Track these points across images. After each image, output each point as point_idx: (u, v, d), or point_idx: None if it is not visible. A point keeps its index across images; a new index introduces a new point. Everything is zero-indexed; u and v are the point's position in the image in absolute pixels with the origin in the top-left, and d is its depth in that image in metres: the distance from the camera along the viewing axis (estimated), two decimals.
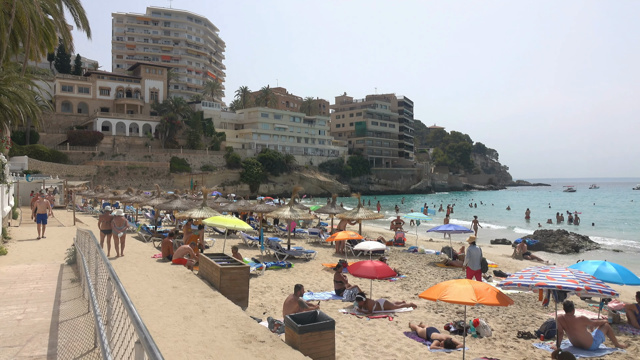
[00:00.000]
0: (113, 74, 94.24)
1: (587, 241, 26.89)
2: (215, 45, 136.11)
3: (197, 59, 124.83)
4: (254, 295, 12.41)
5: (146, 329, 2.42)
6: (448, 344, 8.67)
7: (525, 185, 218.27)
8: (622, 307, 10.94)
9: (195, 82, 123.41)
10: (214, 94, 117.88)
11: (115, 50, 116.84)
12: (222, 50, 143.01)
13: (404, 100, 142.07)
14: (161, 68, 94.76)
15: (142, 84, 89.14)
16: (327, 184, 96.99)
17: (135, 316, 2.65)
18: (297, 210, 20.10)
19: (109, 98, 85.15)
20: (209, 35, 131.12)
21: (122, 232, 14.81)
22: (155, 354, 2.04)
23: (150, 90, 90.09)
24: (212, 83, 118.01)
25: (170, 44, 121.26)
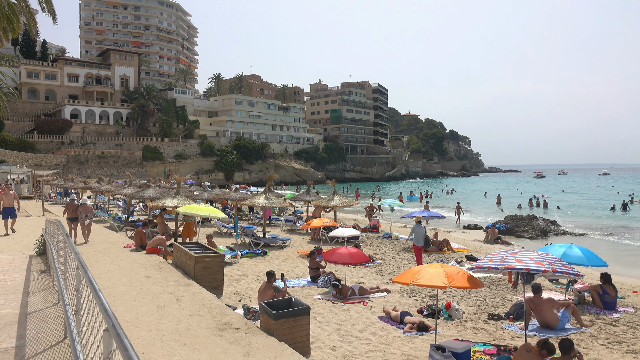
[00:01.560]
0: (81, 60, 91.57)
1: (555, 225, 27.68)
2: (187, 31, 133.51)
3: (169, 45, 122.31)
4: (229, 283, 12.39)
5: (114, 316, 2.40)
6: (421, 327, 8.85)
7: (497, 171, 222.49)
8: (587, 288, 11.33)
9: (167, 69, 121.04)
10: (187, 81, 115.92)
11: (84, 35, 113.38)
12: (195, 36, 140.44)
13: (379, 88, 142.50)
14: (132, 54, 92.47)
15: (112, 70, 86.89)
16: (303, 171, 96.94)
17: (104, 304, 2.61)
18: (272, 198, 20.06)
19: (77, 85, 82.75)
20: (181, 21, 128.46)
21: (88, 219, 15.03)
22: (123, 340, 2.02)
23: (121, 77, 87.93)
24: (185, 70, 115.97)
25: (141, 30, 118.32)
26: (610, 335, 8.70)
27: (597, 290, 10.74)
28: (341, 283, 11.59)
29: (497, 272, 7.28)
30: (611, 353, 7.83)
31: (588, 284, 11.67)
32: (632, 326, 9.26)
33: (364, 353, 7.70)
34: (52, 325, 6.42)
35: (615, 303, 10.62)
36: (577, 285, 11.80)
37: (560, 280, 13.09)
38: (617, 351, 7.92)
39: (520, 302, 9.69)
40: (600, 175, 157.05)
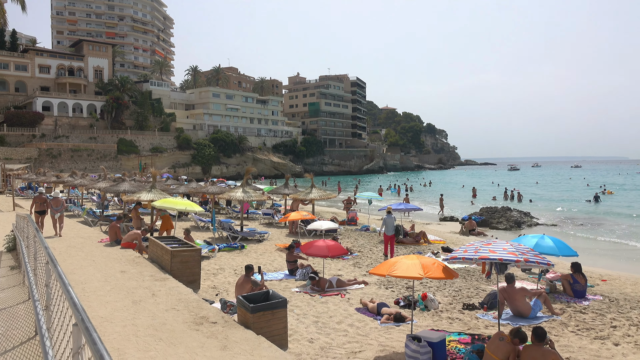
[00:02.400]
0: (53, 50, 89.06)
1: (528, 217, 28.28)
2: (163, 22, 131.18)
3: (144, 36, 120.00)
4: (207, 277, 12.31)
5: (83, 310, 2.35)
6: (397, 318, 8.95)
7: (473, 164, 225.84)
8: (559, 277, 11.63)
9: (142, 61, 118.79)
10: (163, 73, 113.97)
11: (55, 25, 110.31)
12: (171, 28, 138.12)
13: (357, 81, 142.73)
14: (106, 45, 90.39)
15: (86, 61, 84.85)
16: (281, 165, 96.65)
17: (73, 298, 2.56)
18: (249, 192, 19.96)
19: (49, 76, 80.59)
20: (156, 12, 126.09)
21: (59, 212, 15.11)
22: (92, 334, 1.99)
23: (95, 69, 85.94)
24: (161, 62, 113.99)
25: (115, 20, 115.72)
26: (580, 323, 8.95)
27: (567, 279, 11.02)
28: (319, 275, 11.63)
29: (472, 263, 7.40)
30: (580, 339, 8.06)
31: (559, 274, 11.98)
32: (600, 313, 9.54)
33: (342, 344, 7.76)
34: (22, 322, 6.28)
35: (585, 291, 10.93)
36: (548, 275, 12.09)
37: (532, 270, 13.40)
38: (586, 337, 8.16)
39: (494, 291, 9.88)
40: (573, 168, 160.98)
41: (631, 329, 8.60)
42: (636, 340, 7.98)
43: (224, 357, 5.72)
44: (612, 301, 10.53)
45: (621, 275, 13.85)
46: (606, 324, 8.89)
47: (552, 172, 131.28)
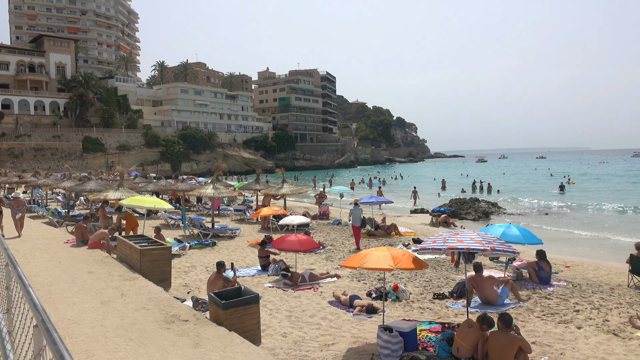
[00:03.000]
0: (12, 46, 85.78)
1: (496, 207, 28.97)
2: (127, 16, 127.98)
3: (108, 31, 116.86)
4: (178, 275, 12.16)
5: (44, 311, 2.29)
6: (370, 309, 9.05)
7: (442, 157, 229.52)
8: (525, 265, 11.96)
9: (107, 56, 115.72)
10: (129, 68, 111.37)
11: (14, 20, 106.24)
12: (136, 22, 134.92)
13: (327, 76, 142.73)
14: (68, 40, 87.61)
15: (47, 57, 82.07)
16: (252, 160, 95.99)
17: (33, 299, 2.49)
18: (220, 188, 19.77)
19: (8, 73, 77.65)
20: (120, 6, 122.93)
21: (20, 213, 14.87)
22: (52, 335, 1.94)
23: (57, 65, 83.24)
24: (126, 57, 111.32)
25: (77, 14, 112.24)
26: (545, 308, 9.25)
27: (533, 267, 11.36)
28: (291, 270, 11.64)
29: (441, 253, 7.54)
30: (545, 324, 8.33)
31: (525, 261, 12.32)
32: (564, 298, 9.88)
33: (315, 338, 7.80)
34: None
35: (550, 278, 11.29)
36: (515, 263, 12.43)
37: (500, 259, 13.74)
38: (550, 322, 8.43)
39: (463, 280, 10.09)
40: (538, 159, 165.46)
41: (593, 312, 8.94)
42: (597, 323, 8.30)
43: (196, 354, 5.68)
44: (575, 286, 10.91)
45: (584, 261, 14.36)
46: (570, 308, 9.21)
47: (518, 163, 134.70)
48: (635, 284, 10.93)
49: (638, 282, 10.92)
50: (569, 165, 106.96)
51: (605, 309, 9.09)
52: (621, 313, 8.85)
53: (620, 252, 15.76)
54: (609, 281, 11.55)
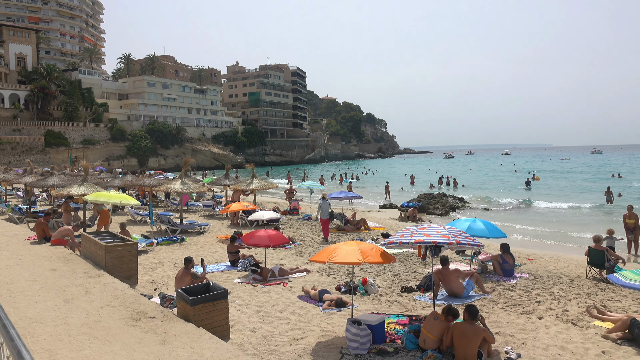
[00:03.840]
0: None
1: (462, 202, 29.60)
2: (91, 6, 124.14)
3: (72, 22, 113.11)
4: (145, 272, 11.96)
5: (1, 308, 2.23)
6: (339, 303, 9.12)
7: (411, 153, 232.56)
8: (489, 258, 12.29)
9: (70, 48, 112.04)
10: (93, 61, 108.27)
11: None
12: (100, 13, 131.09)
13: (297, 71, 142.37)
14: (28, 31, 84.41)
15: (6, 48, 78.87)
16: (222, 156, 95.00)
17: None
18: (188, 183, 19.51)
19: None
20: None
21: None
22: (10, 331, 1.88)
23: (17, 56, 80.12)
24: (90, 49, 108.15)
25: (38, 4, 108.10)
26: (508, 299, 9.53)
27: (497, 260, 11.68)
28: (260, 266, 11.62)
29: (408, 247, 7.66)
30: (508, 315, 8.59)
31: (490, 255, 12.65)
32: (526, 290, 10.20)
33: (284, 332, 7.82)
34: None
35: (513, 270, 11.63)
36: (480, 256, 12.75)
37: (466, 252, 14.06)
38: (513, 313, 8.71)
39: (430, 274, 10.29)
40: (503, 155, 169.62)
41: (553, 303, 9.27)
42: (557, 313, 8.61)
43: (163, 351, 5.61)
44: (537, 278, 11.28)
45: (545, 254, 14.84)
46: (531, 299, 9.52)
47: (484, 159, 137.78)
48: (593, 275, 11.38)
49: (596, 273, 11.37)
50: (533, 162, 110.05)
51: (565, 300, 9.44)
52: (579, 303, 9.21)
53: (579, 245, 16.37)
54: (569, 273, 11.99)
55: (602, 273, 11.19)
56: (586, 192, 38.88)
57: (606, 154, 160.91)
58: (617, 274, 7.75)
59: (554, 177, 59.74)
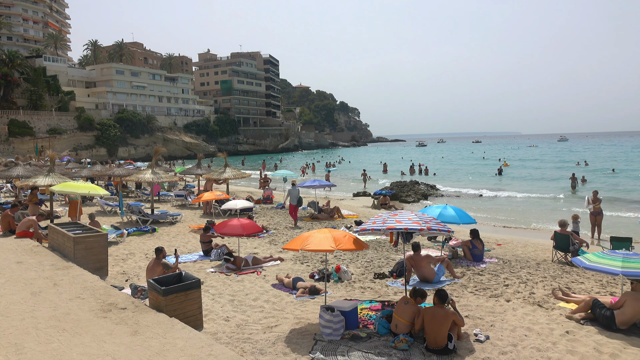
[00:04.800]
0: None
1: (434, 189, 30.05)
2: None
3: (34, 7, 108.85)
4: (115, 263, 11.77)
5: None
6: (312, 290, 9.18)
7: (384, 141, 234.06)
8: (460, 244, 12.55)
9: (33, 34, 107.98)
10: (58, 47, 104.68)
11: None
12: None
13: (270, 59, 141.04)
14: None
15: None
16: (194, 145, 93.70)
17: None
18: (159, 173, 19.20)
19: None
20: None
21: None
22: None
23: None
24: (55, 35, 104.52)
25: None
26: (478, 284, 9.77)
27: (467, 245, 11.93)
28: (234, 255, 11.57)
29: (381, 234, 7.75)
30: (478, 299, 8.81)
31: (460, 240, 12.91)
32: (495, 274, 10.47)
33: (258, 320, 7.83)
34: None
35: (483, 255, 11.91)
36: (451, 242, 13.01)
37: (437, 239, 14.31)
38: (482, 296, 8.93)
39: (402, 260, 10.44)
40: (474, 143, 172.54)
41: (520, 286, 9.55)
42: (524, 296, 8.87)
43: (135, 342, 5.56)
44: (506, 263, 11.58)
45: (514, 239, 15.23)
46: (500, 283, 9.78)
47: (456, 147, 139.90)
48: (558, 259, 11.76)
49: (561, 257, 11.75)
50: (503, 149, 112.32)
51: (531, 283, 9.73)
52: (545, 286, 9.51)
53: (546, 230, 16.85)
54: (536, 257, 12.35)
55: (567, 256, 11.57)
56: (552, 179, 39.98)
57: (572, 141, 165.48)
58: (581, 257, 8.01)
59: (522, 164, 61.15)
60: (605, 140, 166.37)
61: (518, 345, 6.63)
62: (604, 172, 43.84)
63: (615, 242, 12.01)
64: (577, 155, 75.77)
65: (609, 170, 45.76)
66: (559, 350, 6.43)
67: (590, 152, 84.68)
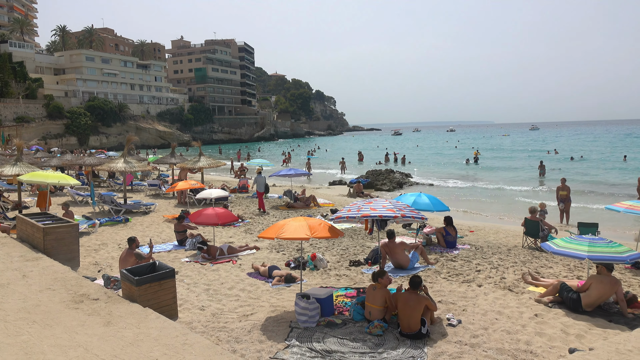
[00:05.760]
0: None
1: (409, 177, 30.38)
2: None
3: None
4: (87, 254, 11.57)
5: None
6: (288, 279, 9.21)
7: (360, 130, 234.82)
8: (434, 231, 12.74)
9: None
10: (24, 32, 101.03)
11: None
12: None
13: (245, 47, 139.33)
14: None
15: None
16: (167, 134, 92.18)
17: None
18: (132, 162, 18.87)
19: None
20: None
21: None
22: None
23: None
24: (21, 20, 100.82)
25: None
26: (451, 269, 9.96)
27: (441, 232, 12.13)
28: (208, 244, 11.50)
29: (355, 221, 7.81)
30: (451, 284, 8.99)
31: (434, 228, 13.11)
32: (467, 260, 10.69)
33: (233, 309, 7.83)
34: None
35: (456, 242, 12.13)
36: (425, 230, 13.20)
37: (412, 226, 14.51)
38: (455, 282, 9.11)
39: (377, 247, 10.55)
40: (448, 132, 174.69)
41: (492, 271, 9.78)
42: (495, 281, 9.09)
43: (108, 332, 5.49)
44: (478, 249, 11.83)
45: (486, 225, 15.56)
46: (472, 269, 9.99)
47: (431, 136, 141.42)
48: (528, 245, 12.07)
49: (531, 242, 12.06)
50: (475, 138, 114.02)
51: (502, 268, 9.97)
52: (516, 271, 9.76)
53: (517, 217, 17.24)
54: (507, 243, 12.65)
55: (536, 242, 11.88)
56: (523, 167, 40.86)
57: (543, 130, 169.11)
58: (550, 242, 8.25)
59: (495, 153, 62.24)
60: (574, 129, 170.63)
61: (489, 328, 6.80)
62: (575, 161, 44.97)
63: (583, 228, 12.39)
64: (548, 143, 77.54)
65: (578, 157, 47.06)
66: (528, 333, 6.62)
67: (560, 141, 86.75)
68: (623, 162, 41.28)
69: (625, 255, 7.25)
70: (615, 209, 11.20)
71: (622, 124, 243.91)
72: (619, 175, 32.94)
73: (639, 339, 5.16)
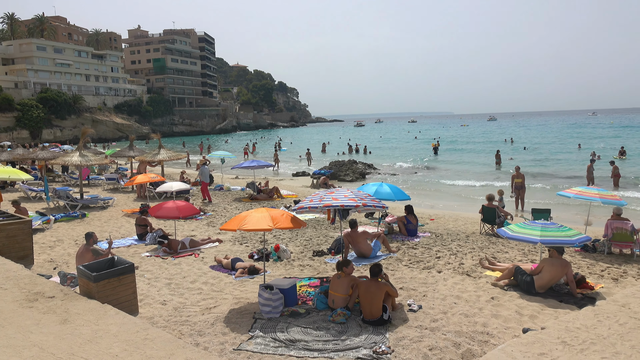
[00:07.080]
0: None
1: (372, 168, 30.71)
2: None
3: None
4: (42, 251, 11.17)
5: None
6: (251, 270, 9.18)
7: (323, 121, 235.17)
8: (395, 220, 12.96)
9: None
10: None
11: None
12: None
13: (205, 37, 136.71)
14: None
15: None
16: (125, 126, 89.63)
17: None
18: (88, 155, 18.27)
19: None
20: None
21: None
22: None
23: None
24: None
25: None
26: (412, 257, 10.17)
27: (402, 221, 12.35)
28: (169, 238, 11.32)
29: (317, 211, 7.85)
30: (412, 271, 9.19)
31: (395, 216, 13.34)
32: (428, 247, 10.95)
33: (196, 302, 7.75)
34: None
35: (417, 230, 12.39)
36: (387, 219, 13.40)
37: (374, 215, 14.70)
38: (416, 269, 9.32)
39: (340, 237, 10.65)
40: (410, 123, 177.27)
41: (451, 257, 10.05)
42: (454, 267, 9.36)
43: (64, 330, 5.34)
44: (438, 236, 12.12)
45: (445, 213, 15.95)
46: (432, 255, 10.24)
47: (392, 127, 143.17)
48: (485, 231, 12.46)
49: (488, 229, 12.46)
50: (437, 129, 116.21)
51: (461, 254, 10.27)
52: (474, 256, 10.07)
53: (474, 204, 17.74)
54: (465, 230, 13.02)
55: (493, 228, 12.28)
56: (481, 156, 42.01)
57: (500, 120, 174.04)
58: (505, 228, 8.54)
59: (454, 143, 63.66)
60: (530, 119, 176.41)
61: (448, 312, 7.00)
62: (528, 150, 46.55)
63: (536, 213, 12.89)
64: (504, 133, 79.89)
65: (532, 146, 48.74)
66: (485, 315, 6.86)
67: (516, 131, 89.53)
68: (577, 151, 43.15)
69: (575, 239, 7.60)
70: (566, 194, 11.71)
71: (571, 114, 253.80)
72: (572, 163, 34.37)
73: (586, 317, 5.44)
